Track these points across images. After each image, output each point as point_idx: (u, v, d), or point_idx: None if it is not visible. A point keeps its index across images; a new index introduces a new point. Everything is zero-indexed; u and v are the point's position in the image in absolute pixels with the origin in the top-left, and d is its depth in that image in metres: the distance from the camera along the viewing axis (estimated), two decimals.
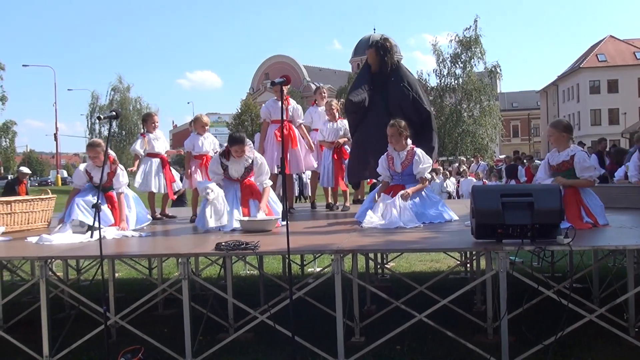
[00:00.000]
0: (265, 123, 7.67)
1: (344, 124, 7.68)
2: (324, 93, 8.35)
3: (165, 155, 7.52)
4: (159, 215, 7.47)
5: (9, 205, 6.27)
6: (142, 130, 7.59)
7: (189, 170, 7.24)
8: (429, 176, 6.00)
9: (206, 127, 7.34)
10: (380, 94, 6.71)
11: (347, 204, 7.71)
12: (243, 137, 6.09)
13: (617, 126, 52.73)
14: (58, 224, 6.04)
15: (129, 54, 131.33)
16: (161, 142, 7.55)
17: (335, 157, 7.59)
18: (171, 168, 7.60)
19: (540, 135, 68.87)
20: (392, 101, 6.59)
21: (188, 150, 7.31)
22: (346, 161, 7.51)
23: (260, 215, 5.84)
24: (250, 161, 6.07)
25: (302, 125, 7.68)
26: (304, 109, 8.12)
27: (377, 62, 6.73)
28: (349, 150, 7.39)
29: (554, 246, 4.05)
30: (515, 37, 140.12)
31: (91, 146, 6.27)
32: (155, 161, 7.35)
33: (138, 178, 7.30)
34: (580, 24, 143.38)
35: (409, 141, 5.99)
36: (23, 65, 66.30)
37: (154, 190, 7.29)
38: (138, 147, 7.35)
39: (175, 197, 9.15)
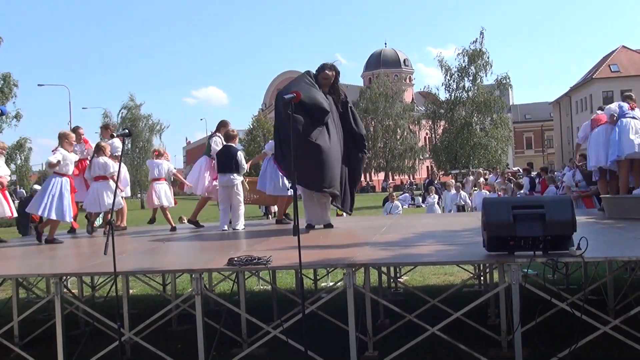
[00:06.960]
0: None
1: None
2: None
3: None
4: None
5: None
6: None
7: None
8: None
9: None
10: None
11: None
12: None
13: None
14: None
15: (138, 74, 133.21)
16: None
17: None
18: None
19: (553, 146, 68.51)
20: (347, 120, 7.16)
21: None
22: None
23: None
24: None
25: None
26: None
27: (331, 84, 6.97)
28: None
29: (566, 258, 4.03)
30: (527, 49, 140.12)
31: None
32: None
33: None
34: (592, 34, 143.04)
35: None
36: (38, 85, 67.02)
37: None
38: None
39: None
